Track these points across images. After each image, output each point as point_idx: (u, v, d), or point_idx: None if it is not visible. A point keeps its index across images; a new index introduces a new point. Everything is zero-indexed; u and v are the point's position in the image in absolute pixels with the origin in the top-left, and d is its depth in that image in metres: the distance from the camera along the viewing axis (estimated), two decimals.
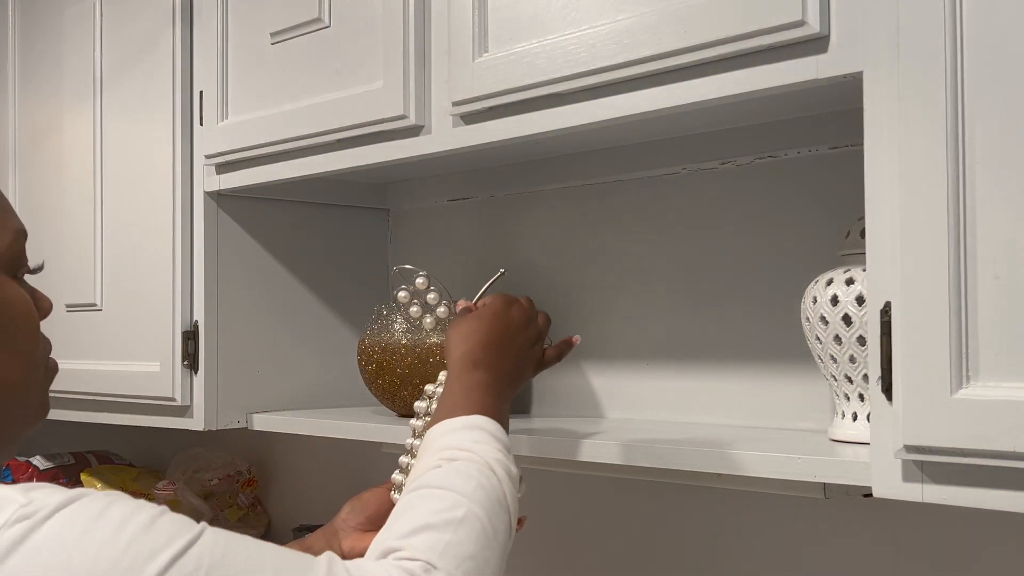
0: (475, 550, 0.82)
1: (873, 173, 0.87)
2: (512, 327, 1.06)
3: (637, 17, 1.04)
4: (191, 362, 1.58)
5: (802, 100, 1.10)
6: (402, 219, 1.76)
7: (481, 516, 0.84)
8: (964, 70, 0.80)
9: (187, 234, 1.59)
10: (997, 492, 0.80)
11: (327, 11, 1.37)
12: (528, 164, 1.53)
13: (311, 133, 1.39)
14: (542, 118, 1.14)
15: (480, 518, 0.84)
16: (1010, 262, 0.78)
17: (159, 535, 0.61)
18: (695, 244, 1.34)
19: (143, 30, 1.66)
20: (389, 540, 0.81)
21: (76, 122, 1.79)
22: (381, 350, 1.42)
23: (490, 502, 0.86)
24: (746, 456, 1.02)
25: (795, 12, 0.92)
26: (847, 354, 1.02)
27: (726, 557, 1.34)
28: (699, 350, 1.35)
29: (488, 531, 0.84)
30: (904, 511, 1.14)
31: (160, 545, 0.60)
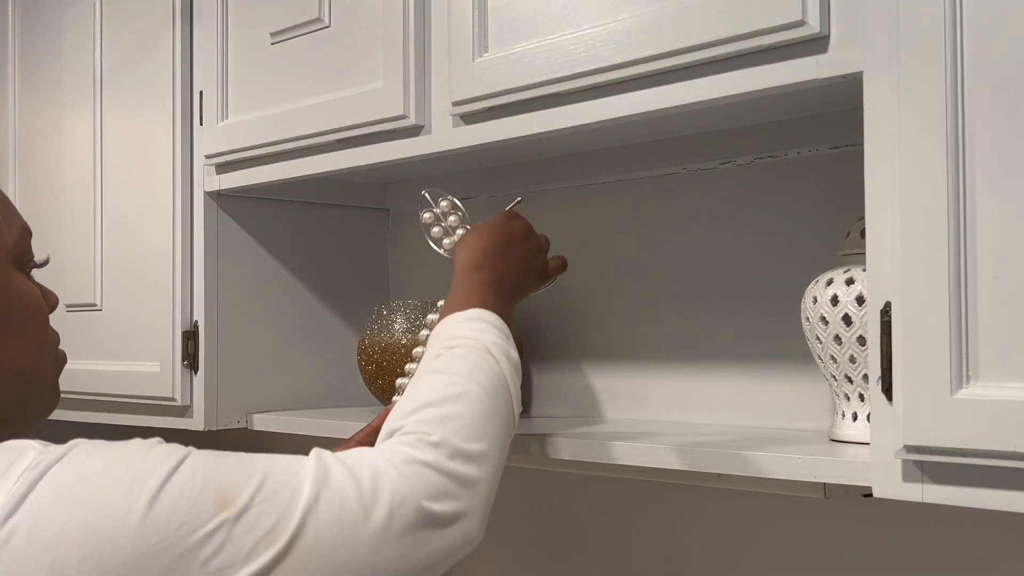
0: (473, 420, 0.84)
1: (873, 173, 0.87)
2: (514, 236, 1.12)
3: (637, 17, 1.04)
4: (191, 362, 1.58)
5: (802, 100, 1.10)
6: (402, 219, 1.76)
7: (478, 391, 0.87)
8: (964, 70, 0.80)
9: (187, 234, 1.59)
10: (997, 492, 0.80)
11: (327, 11, 1.37)
12: (528, 164, 1.53)
13: (311, 133, 1.39)
14: (542, 118, 1.14)
15: (477, 393, 0.87)
16: (1010, 262, 0.78)
17: (157, 455, 0.68)
18: (695, 244, 1.34)
19: (143, 30, 1.66)
20: (391, 422, 0.84)
21: (76, 122, 1.79)
22: (381, 350, 1.42)
23: (488, 380, 0.89)
24: (746, 456, 1.02)
25: (795, 12, 0.92)
26: (847, 354, 1.02)
27: (726, 557, 1.34)
28: (699, 350, 1.35)
29: (487, 404, 0.86)
30: (904, 511, 1.14)
31: (159, 461, 0.68)
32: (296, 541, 0.69)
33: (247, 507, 0.68)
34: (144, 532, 0.64)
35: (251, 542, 0.67)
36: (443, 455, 0.80)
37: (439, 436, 0.82)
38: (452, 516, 0.79)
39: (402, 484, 0.76)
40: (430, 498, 0.77)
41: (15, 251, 0.83)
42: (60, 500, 0.64)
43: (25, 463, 0.66)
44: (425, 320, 1.12)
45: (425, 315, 1.41)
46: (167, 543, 0.64)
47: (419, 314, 1.41)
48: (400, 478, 0.76)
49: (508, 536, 1.60)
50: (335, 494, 0.72)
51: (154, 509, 0.65)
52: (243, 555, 0.67)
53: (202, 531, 0.66)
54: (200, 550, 0.65)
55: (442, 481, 0.79)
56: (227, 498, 0.68)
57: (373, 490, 0.74)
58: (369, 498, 0.73)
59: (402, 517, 0.75)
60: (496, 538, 1.62)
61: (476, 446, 0.83)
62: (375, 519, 0.73)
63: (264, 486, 0.70)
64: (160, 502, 0.66)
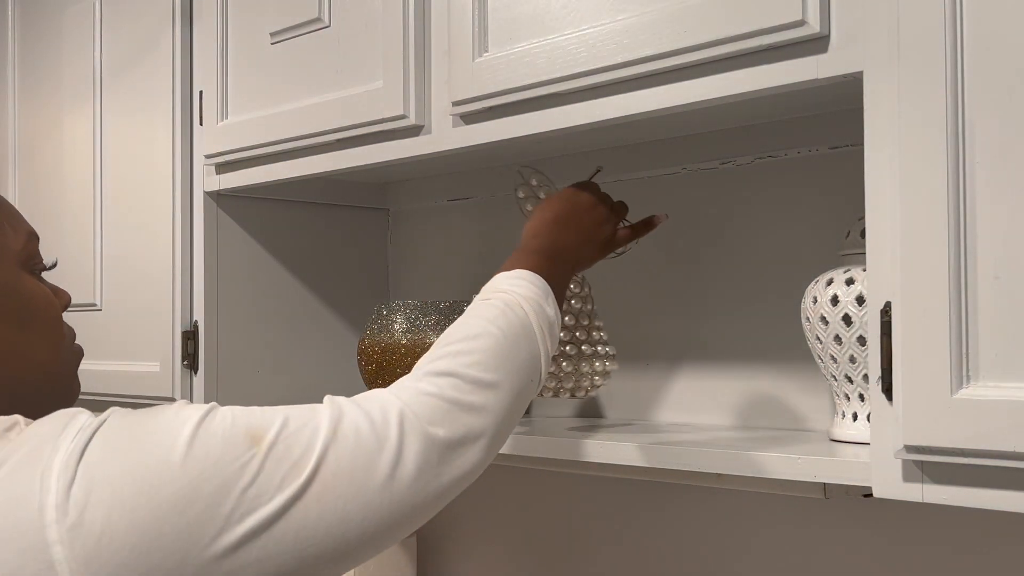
0: (485, 357, 0.90)
1: (873, 173, 0.87)
2: (578, 206, 1.14)
3: (637, 17, 1.04)
4: (191, 362, 1.58)
5: (802, 100, 1.10)
6: (402, 219, 1.76)
7: (496, 333, 0.92)
8: (964, 70, 0.80)
9: (187, 234, 1.59)
10: (997, 492, 0.80)
11: (327, 11, 1.37)
12: (528, 164, 1.53)
13: (311, 133, 1.39)
14: (542, 118, 1.14)
15: (495, 334, 0.92)
16: (1010, 262, 0.78)
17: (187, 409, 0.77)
18: (695, 244, 1.34)
19: (143, 30, 1.66)
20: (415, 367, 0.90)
21: (76, 122, 1.79)
22: (381, 350, 1.42)
23: (510, 326, 0.94)
24: (746, 456, 1.02)
25: (795, 12, 0.92)
26: (847, 354, 1.02)
27: (726, 557, 1.34)
28: (699, 350, 1.35)
29: (503, 345, 0.92)
30: (904, 511, 1.14)
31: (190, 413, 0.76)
32: (319, 469, 0.76)
33: (275, 442, 0.76)
34: (186, 467, 0.72)
35: (281, 472, 0.75)
36: (448, 384, 0.87)
37: (446, 367, 0.88)
38: (458, 440, 0.84)
39: (408, 413, 0.82)
40: (434, 423, 0.83)
41: (22, 255, 0.88)
42: (112, 451, 0.73)
43: (79, 424, 0.74)
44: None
45: (425, 315, 1.42)
46: (208, 474, 0.73)
47: (419, 314, 1.41)
48: (406, 408, 0.83)
49: (508, 536, 1.60)
50: (350, 427, 0.79)
51: (193, 448, 0.73)
52: (275, 483, 0.74)
53: (238, 463, 0.74)
54: (238, 479, 0.73)
55: (446, 407, 0.85)
56: (256, 435, 0.76)
57: (384, 422, 0.81)
58: (381, 429, 0.80)
59: (411, 443, 0.81)
60: (496, 538, 1.62)
61: (485, 375, 0.89)
62: (388, 447, 0.80)
63: (287, 425, 0.78)
64: (197, 442, 0.74)
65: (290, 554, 0.74)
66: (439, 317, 1.41)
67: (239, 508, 0.73)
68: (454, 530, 1.67)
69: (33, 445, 0.73)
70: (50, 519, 0.69)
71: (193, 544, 0.71)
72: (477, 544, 1.65)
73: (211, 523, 0.72)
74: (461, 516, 1.65)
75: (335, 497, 0.76)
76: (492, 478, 0.98)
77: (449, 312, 1.41)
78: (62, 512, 0.69)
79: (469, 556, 1.66)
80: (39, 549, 0.68)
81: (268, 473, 0.74)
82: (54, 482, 0.70)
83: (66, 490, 0.70)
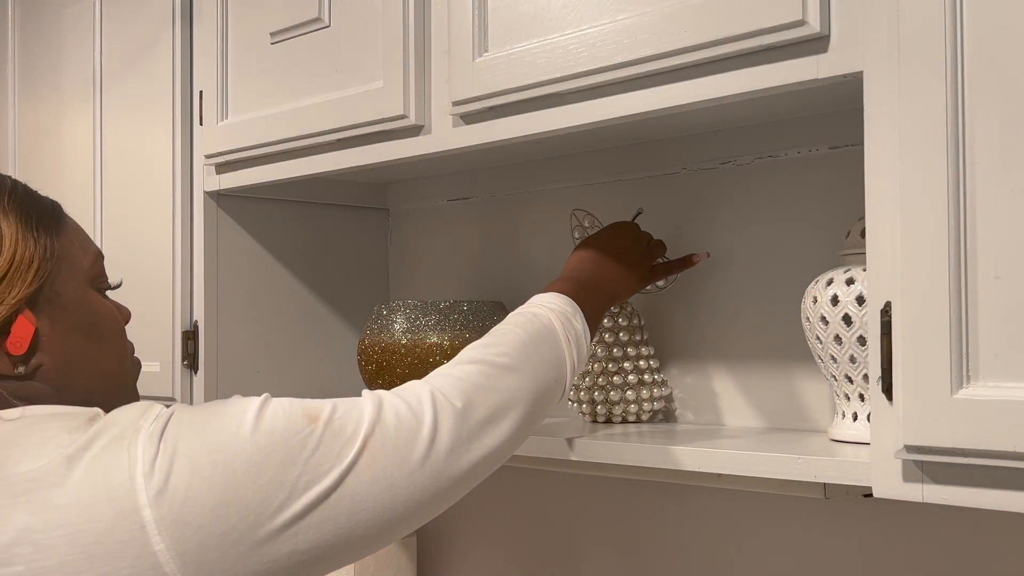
0: (509, 348, 1.01)
1: (873, 173, 0.87)
2: (617, 243, 1.24)
3: (637, 17, 1.04)
4: (191, 362, 1.58)
5: (802, 100, 1.10)
6: (402, 219, 1.76)
7: (519, 332, 1.03)
8: (964, 70, 0.80)
9: (187, 234, 1.59)
10: (997, 492, 0.80)
11: (327, 11, 1.37)
12: (528, 164, 1.53)
13: (311, 133, 1.39)
14: (542, 118, 1.14)
15: (518, 333, 1.03)
16: (1010, 262, 0.78)
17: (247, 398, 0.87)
18: (695, 244, 1.34)
19: (143, 30, 1.66)
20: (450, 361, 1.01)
21: (76, 122, 1.79)
22: (381, 350, 1.42)
23: (535, 328, 1.05)
24: (746, 456, 1.02)
25: (795, 12, 0.92)
26: (847, 354, 1.02)
27: (726, 557, 1.34)
28: (699, 350, 1.35)
29: (526, 341, 1.03)
30: (904, 511, 1.14)
31: (250, 400, 0.86)
32: (368, 442, 0.86)
33: (330, 420, 0.86)
34: (256, 438, 0.82)
35: (338, 445, 0.85)
36: (474, 370, 0.97)
37: (472, 356, 0.99)
38: (485, 418, 0.94)
39: (438, 395, 0.93)
40: (462, 402, 0.93)
41: (91, 273, 0.96)
42: (187, 428, 0.82)
43: (155, 411, 0.84)
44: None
45: (425, 315, 1.42)
46: (276, 445, 0.82)
47: (419, 314, 1.41)
48: (436, 390, 0.93)
49: (508, 536, 1.60)
50: (390, 409, 0.90)
51: (260, 424, 0.83)
52: (333, 454, 0.84)
53: (299, 436, 0.84)
54: (301, 450, 0.83)
55: (471, 388, 0.95)
56: (313, 415, 0.86)
57: (419, 403, 0.91)
58: (417, 408, 0.90)
59: (444, 420, 0.91)
60: (496, 538, 1.62)
61: (507, 360, 0.99)
62: (425, 423, 0.90)
63: (337, 408, 0.88)
64: (264, 419, 0.84)
65: (345, 520, 0.83)
66: (439, 317, 1.41)
67: (304, 476, 0.82)
68: (454, 530, 1.67)
69: (120, 427, 0.83)
70: (140, 485, 0.78)
71: (265, 507, 0.80)
72: (477, 544, 1.65)
73: (280, 489, 0.81)
74: (461, 516, 1.65)
75: (383, 467, 0.86)
76: (492, 478, 0.98)
77: (449, 312, 1.41)
78: (148, 479, 0.79)
79: (469, 556, 1.66)
80: (131, 511, 0.77)
81: (327, 445, 0.84)
82: (140, 454, 0.80)
83: (152, 461, 0.79)
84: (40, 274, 0.90)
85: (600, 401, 1.32)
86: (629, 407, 1.32)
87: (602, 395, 1.32)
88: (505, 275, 1.58)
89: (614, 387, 1.32)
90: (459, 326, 1.41)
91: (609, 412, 1.32)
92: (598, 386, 1.32)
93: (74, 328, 0.92)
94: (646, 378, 1.33)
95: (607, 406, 1.32)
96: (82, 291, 0.95)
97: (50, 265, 0.91)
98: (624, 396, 1.32)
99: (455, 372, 0.97)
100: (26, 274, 0.89)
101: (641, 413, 1.33)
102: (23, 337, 0.88)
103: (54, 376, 0.90)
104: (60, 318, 0.91)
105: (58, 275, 0.92)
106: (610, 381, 1.32)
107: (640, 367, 1.33)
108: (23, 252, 0.90)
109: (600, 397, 1.32)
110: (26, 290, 0.88)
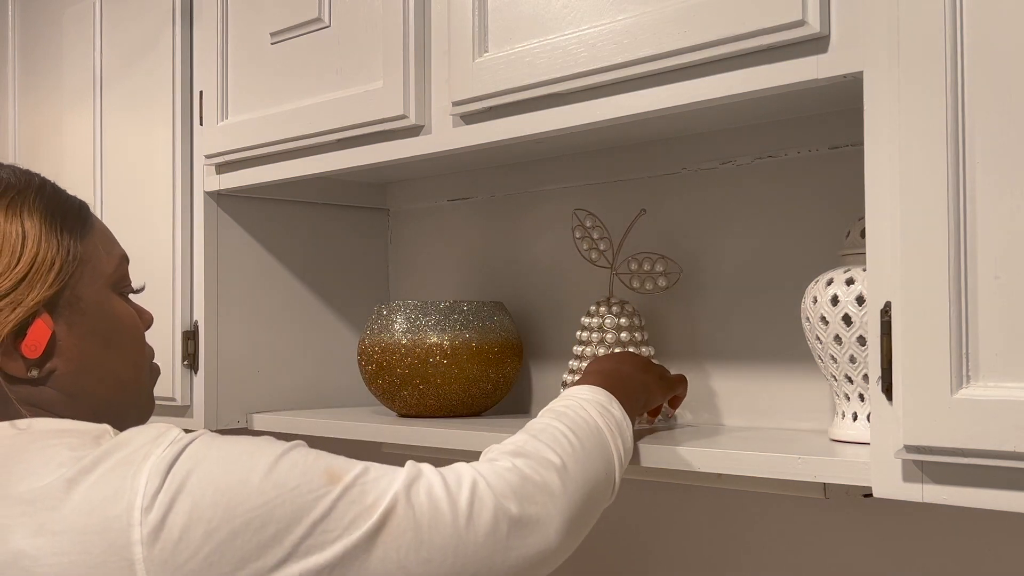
0: (556, 447, 0.93)
1: (873, 173, 0.87)
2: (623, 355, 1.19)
3: (637, 17, 1.04)
4: (191, 362, 1.58)
5: (802, 100, 1.10)
6: (402, 219, 1.76)
7: (562, 428, 0.95)
8: (964, 70, 0.80)
9: (187, 234, 1.59)
10: (997, 492, 0.80)
11: (327, 11, 1.37)
12: (528, 164, 1.53)
13: (311, 133, 1.39)
14: (542, 118, 1.14)
15: (560, 429, 0.95)
16: (1010, 262, 0.78)
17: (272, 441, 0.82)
18: (695, 244, 1.34)
19: (143, 30, 1.66)
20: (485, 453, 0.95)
21: (76, 122, 1.79)
22: (381, 350, 1.42)
23: (577, 426, 0.97)
24: (746, 456, 1.02)
25: (795, 12, 0.92)
26: (847, 354, 1.02)
27: (726, 557, 1.34)
28: (699, 350, 1.35)
29: (571, 440, 0.94)
30: (904, 511, 1.14)
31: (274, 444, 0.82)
32: (388, 518, 0.79)
33: (352, 484, 0.80)
34: (264, 487, 0.77)
35: (353, 513, 0.79)
36: (523, 463, 0.89)
37: (520, 447, 0.92)
38: (528, 518, 0.86)
39: (482, 484, 0.85)
40: (507, 497, 0.85)
41: (114, 276, 0.94)
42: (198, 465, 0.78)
43: (171, 437, 0.80)
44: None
45: (425, 315, 1.42)
46: (283, 500, 0.77)
47: (419, 314, 1.41)
48: (482, 479, 0.86)
49: None
50: (424, 485, 0.83)
51: (273, 472, 0.78)
52: (345, 523, 0.78)
53: (313, 495, 0.78)
54: (311, 510, 0.77)
55: (520, 483, 0.87)
56: (335, 475, 0.80)
57: (457, 485, 0.84)
58: (454, 490, 0.83)
59: (481, 510, 0.83)
60: None
61: (556, 459, 0.91)
62: (459, 509, 0.82)
63: (367, 472, 0.82)
64: (278, 469, 0.79)
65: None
66: (439, 317, 1.41)
67: (308, 539, 0.77)
68: None
69: (128, 451, 0.78)
70: (136, 520, 0.74)
71: (260, 565, 0.75)
72: None
73: (280, 547, 0.76)
74: None
75: (399, 547, 0.79)
76: None
77: (449, 312, 1.41)
78: (146, 514, 0.75)
79: None
80: (122, 545, 0.74)
81: (340, 511, 0.78)
82: (143, 486, 0.76)
83: (153, 495, 0.75)
84: (61, 277, 0.88)
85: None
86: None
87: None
88: (505, 275, 1.58)
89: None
90: (459, 326, 1.41)
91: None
92: None
93: (92, 333, 0.91)
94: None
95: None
96: (103, 295, 0.93)
97: (71, 268, 0.89)
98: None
99: (505, 463, 0.89)
100: (47, 276, 0.87)
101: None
102: (39, 340, 0.86)
103: (67, 382, 0.88)
104: (78, 323, 0.89)
105: (80, 279, 0.90)
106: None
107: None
108: (45, 254, 0.88)
109: None
110: (45, 292, 0.87)
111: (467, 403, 1.43)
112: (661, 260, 1.32)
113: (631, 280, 1.34)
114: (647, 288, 1.32)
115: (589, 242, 1.34)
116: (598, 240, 1.35)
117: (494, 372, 1.42)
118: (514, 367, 1.46)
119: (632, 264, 1.34)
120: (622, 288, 1.34)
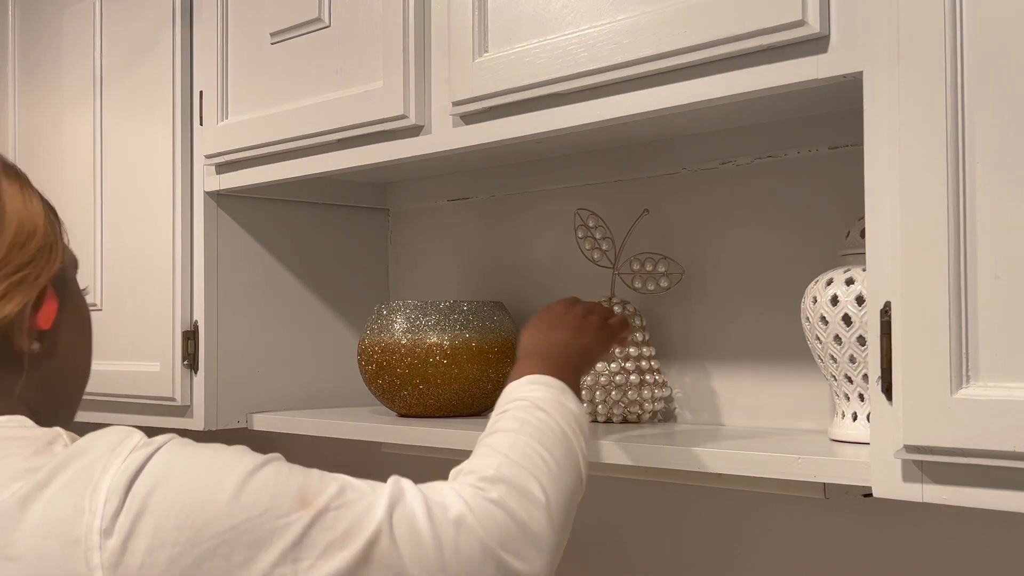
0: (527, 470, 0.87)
1: (873, 173, 0.87)
2: (554, 310, 1.14)
3: (637, 17, 1.04)
4: (191, 362, 1.58)
5: (802, 100, 1.10)
6: (402, 219, 1.76)
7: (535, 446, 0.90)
8: (964, 70, 0.80)
9: (187, 234, 1.59)
10: (997, 492, 0.80)
11: (327, 11, 1.37)
12: (528, 164, 1.53)
13: (311, 133, 1.39)
14: (542, 118, 1.14)
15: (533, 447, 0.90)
16: (1010, 262, 0.78)
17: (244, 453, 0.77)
18: (695, 244, 1.34)
19: (143, 30, 1.66)
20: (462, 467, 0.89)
21: (76, 122, 1.79)
22: (381, 350, 1.42)
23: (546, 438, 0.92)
24: (746, 456, 1.02)
25: (795, 12, 0.92)
26: (847, 354, 1.02)
27: (726, 557, 1.34)
28: (699, 350, 1.35)
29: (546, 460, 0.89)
30: (904, 511, 1.14)
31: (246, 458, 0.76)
32: (371, 551, 0.75)
33: (325, 509, 0.75)
34: (231, 510, 0.72)
35: (325, 542, 0.74)
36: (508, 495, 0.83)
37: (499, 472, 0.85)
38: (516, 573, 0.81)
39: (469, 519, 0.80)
40: (495, 539, 0.80)
41: (74, 262, 0.92)
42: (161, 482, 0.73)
43: (131, 445, 0.75)
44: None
45: (425, 315, 1.42)
46: (251, 524, 0.72)
47: (419, 314, 1.41)
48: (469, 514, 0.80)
49: None
50: (406, 515, 0.77)
51: (242, 493, 0.73)
52: (318, 551, 0.73)
53: (282, 520, 0.73)
54: (280, 537, 0.73)
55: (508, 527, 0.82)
56: (307, 498, 0.75)
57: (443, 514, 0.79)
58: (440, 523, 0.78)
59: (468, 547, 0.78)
60: None
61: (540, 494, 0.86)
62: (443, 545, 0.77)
63: (343, 494, 0.76)
64: (247, 489, 0.74)
65: None
66: (439, 317, 1.41)
67: (278, 567, 0.72)
68: None
69: (83, 464, 0.73)
70: (95, 543, 0.70)
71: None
72: None
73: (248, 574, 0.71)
74: None
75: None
76: None
77: (449, 312, 1.41)
78: (105, 538, 0.70)
79: None
80: (82, 573, 0.69)
81: (311, 539, 0.73)
82: (101, 506, 0.71)
83: (112, 517, 0.71)
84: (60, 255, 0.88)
85: (601, 401, 1.32)
86: (630, 407, 1.32)
87: (603, 395, 1.32)
88: (505, 275, 1.58)
89: (615, 387, 1.32)
90: (459, 326, 1.41)
91: (609, 412, 1.32)
92: (599, 386, 1.32)
93: (74, 317, 0.90)
94: (647, 378, 1.33)
95: (608, 406, 1.32)
96: (75, 282, 0.92)
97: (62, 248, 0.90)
98: (625, 396, 1.32)
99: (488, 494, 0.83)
100: (55, 249, 0.87)
101: (642, 413, 1.33)
102: (51, 311, 0.85)
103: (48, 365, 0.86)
104: (67, 304, 0.89)
105: (67, 261, 0.90)
106: (611, 381, 1.32)
107: (641, 367, 1.33)
108: (49, 230, 0.88)
109: (601, 397, 1.32)
110: (57, 265, 0.86)
111: (467, 403, 1.43)
112: (663, 261, 1.33)
113: (633, 280, 1.34)
114: (649, 289, 1.32)
115: (592, 242, 1.35)
116: (600, 240, 1.35)
117: (494, 372, 1.42)
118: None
119: (634, 264, 1.34)
120: (623, 288, 1.35)
